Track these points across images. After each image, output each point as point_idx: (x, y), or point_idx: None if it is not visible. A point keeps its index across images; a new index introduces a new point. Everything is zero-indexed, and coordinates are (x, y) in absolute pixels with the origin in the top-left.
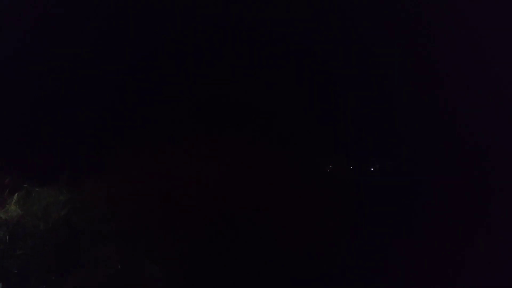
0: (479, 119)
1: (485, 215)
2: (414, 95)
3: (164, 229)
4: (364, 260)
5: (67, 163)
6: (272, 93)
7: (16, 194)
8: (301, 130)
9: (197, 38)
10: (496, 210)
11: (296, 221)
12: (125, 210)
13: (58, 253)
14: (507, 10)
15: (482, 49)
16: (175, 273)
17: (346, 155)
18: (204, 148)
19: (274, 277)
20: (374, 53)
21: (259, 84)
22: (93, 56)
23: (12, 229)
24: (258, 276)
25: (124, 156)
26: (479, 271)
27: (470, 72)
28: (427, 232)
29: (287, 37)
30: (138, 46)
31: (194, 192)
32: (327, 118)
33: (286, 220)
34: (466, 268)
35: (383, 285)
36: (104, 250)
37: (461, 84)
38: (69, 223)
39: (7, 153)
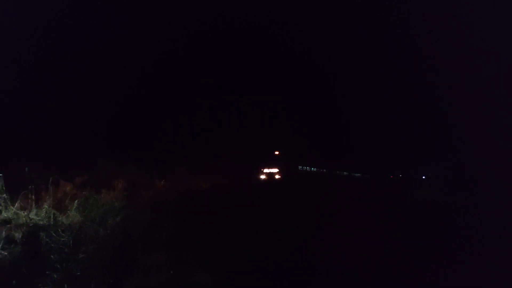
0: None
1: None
2: None
3: (215, 237)
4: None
5: (122, 173)
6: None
7: (76, 201)
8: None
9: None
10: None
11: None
12: (176, 217)
13: (115, 258)
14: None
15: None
16: (225, 280)
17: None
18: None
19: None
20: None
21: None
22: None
23: (76, 234)
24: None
25: (175, 167)
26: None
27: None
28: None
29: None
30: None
31: (244, 200)
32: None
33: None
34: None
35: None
36: (156, 257)
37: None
38: (124, 229)
39: (69, 164)
